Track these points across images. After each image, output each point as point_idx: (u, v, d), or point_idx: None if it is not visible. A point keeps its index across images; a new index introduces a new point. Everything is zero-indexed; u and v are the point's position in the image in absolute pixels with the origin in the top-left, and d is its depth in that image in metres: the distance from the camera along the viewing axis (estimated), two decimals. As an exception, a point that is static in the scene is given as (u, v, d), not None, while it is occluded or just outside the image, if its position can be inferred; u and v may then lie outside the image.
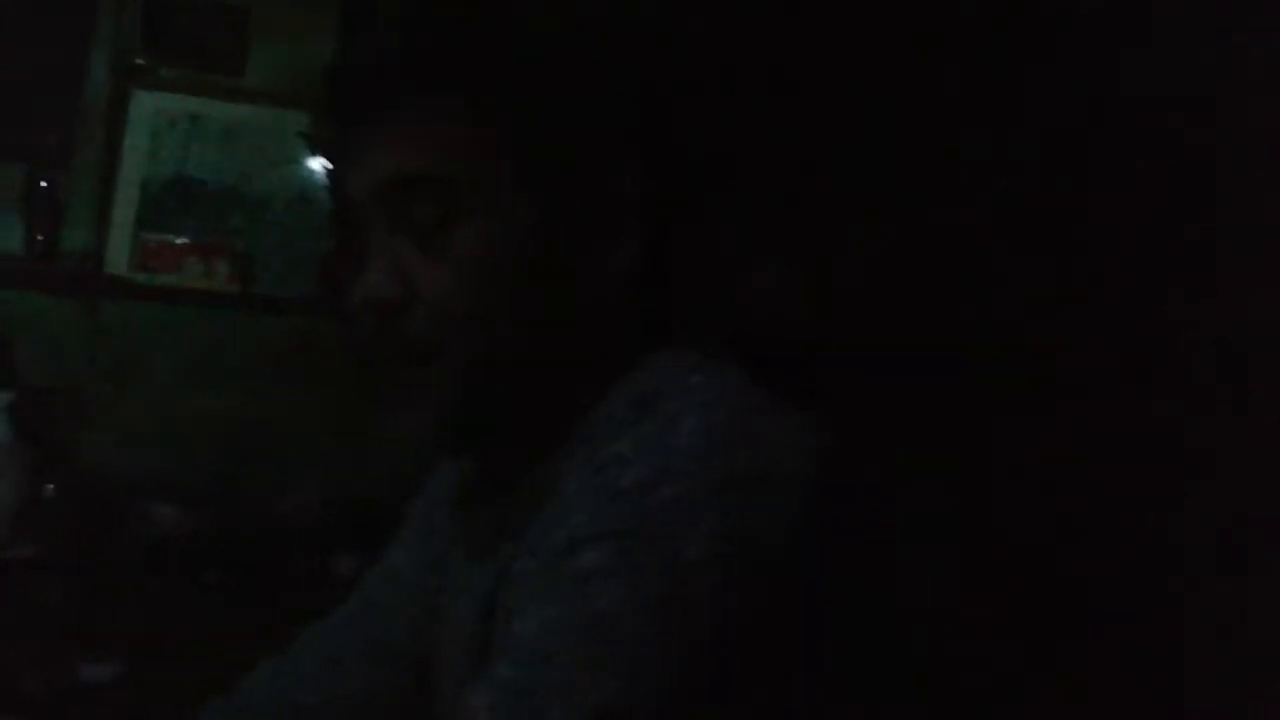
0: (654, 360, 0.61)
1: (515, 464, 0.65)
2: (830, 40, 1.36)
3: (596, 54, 0.65)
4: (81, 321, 1.86)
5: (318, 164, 1.87)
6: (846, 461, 0.58)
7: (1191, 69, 0.97)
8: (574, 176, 0.62)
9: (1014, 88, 1.15)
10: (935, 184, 1.22)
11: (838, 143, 1.32)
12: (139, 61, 1.88)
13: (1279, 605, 0.87)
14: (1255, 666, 0.87)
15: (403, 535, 0.81)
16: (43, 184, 1.84)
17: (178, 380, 1.90)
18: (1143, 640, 0.96)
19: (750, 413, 0.56)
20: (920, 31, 1.25)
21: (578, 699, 0.49)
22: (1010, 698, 0.95)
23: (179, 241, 1.85)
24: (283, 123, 1.90)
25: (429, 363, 0.61)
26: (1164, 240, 1.00)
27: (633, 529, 0.52)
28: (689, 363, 0.60)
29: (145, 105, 1.89)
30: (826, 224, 1.30)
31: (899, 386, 1.16)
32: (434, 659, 0.73)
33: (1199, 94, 0.96)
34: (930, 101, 1.23)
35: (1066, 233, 1.10)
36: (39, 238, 1.84)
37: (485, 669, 0.54)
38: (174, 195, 1.90)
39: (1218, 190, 0.97)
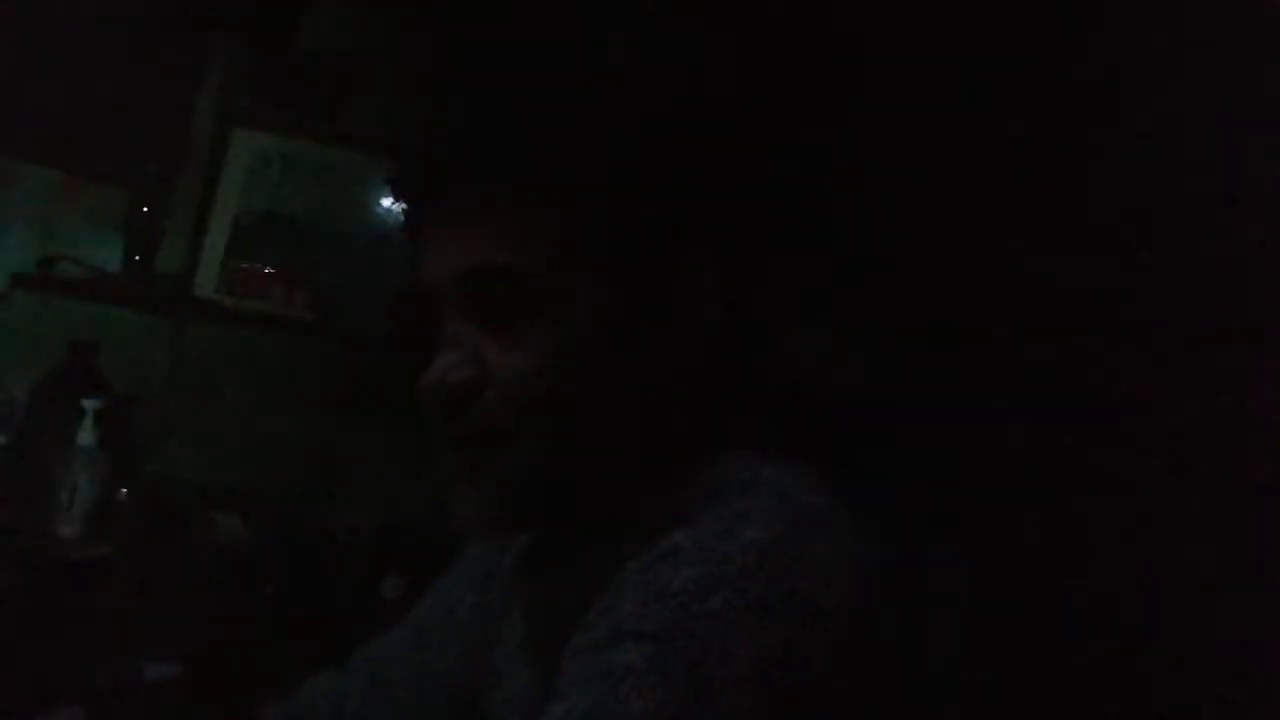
0: (724, 451, 0.61)
1: (576, 542, 0.65)
2: (882, 118, 1.40)
3: (671, 147, 0.65)
4: (167, 338, 1.98)
5: (396, 209, 1.99)
6: (900, 581, 0.57)
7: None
8: (649, 267, 0.63)
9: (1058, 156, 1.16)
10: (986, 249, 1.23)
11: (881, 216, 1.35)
12: (243, 103, 2.02)
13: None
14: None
15: (459, 574, 0.83)
16: (144, 209, 1.98)
17: (250, 399, 2.00)
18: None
19: (811, 531, 0.55)
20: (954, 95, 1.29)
21: None
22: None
23: (265, 270, 1.96)
24: (368, 167, 2.02)
25: (496, 446, 0.61)
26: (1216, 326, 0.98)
27: (675, 634, 0.51)
28: (759, 458, 0.60)
29: (244, 143, 2.02)
30: (867, 293, 1.33)
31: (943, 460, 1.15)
32: (487, 710, 0.73)
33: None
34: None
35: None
36: (136, 258, 1.96)
37: None
38: (263, 228, 2.02)
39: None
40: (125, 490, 1.71)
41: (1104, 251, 1.09)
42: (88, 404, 1.62)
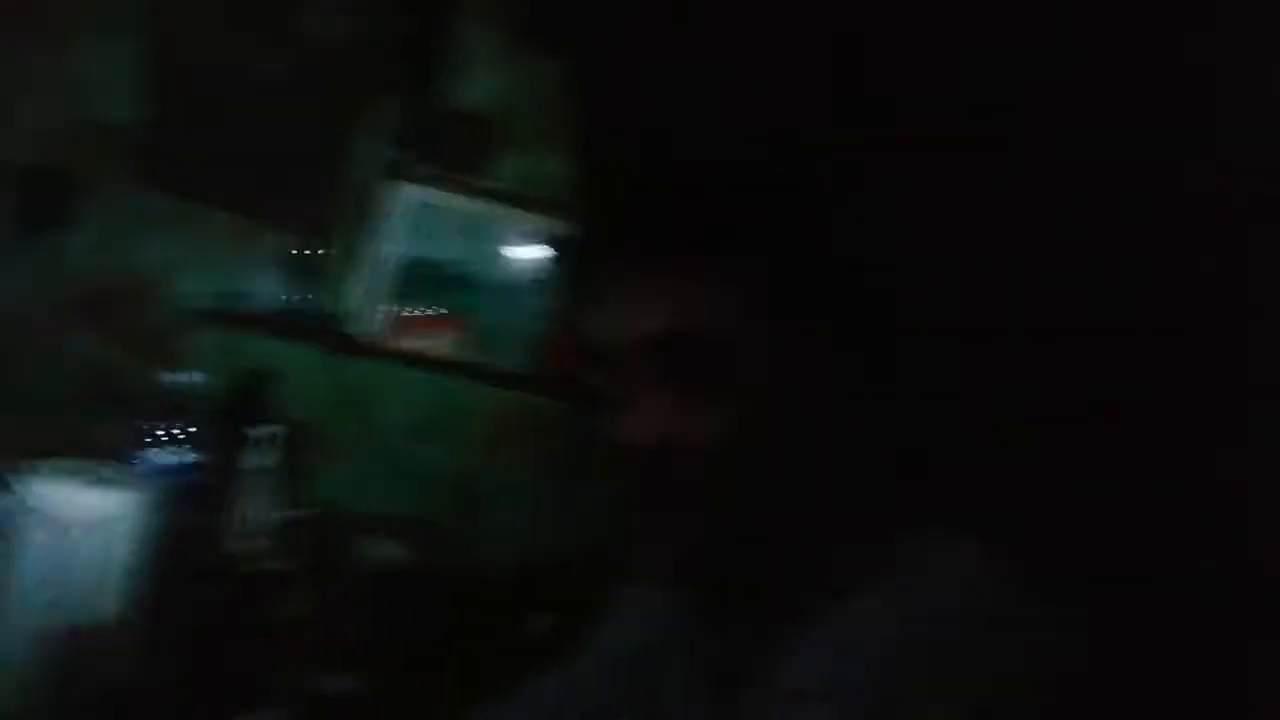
0: (904, 514, 0.61)
1: (757, 595, 0.65)
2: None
3: (845, 209, 0.65)
4: (329, 372, 2.16)
5: (539, 255, 2.14)
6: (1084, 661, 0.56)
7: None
8: (831, 329, 0.63)
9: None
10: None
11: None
12: (398, 157, 2.20)
13: None
14: None
15: (620, 616, 0.83)
16: (306, 251, 2.16)
17: (403, 432, 2.17)
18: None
19: (1004, 601, 0.55)
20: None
21: None
22: None
23: (418, 313, 2.12)
24: (515, 220, 2.19)
25: (679, 506, 0.62)
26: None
27: (860, 698, 0.51)
28: (954, 531, 0.60)
29: (399, 194, 2.20)
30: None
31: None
32: None
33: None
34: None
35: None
36: (303, 297, 2.15)
37: None
38: (415, 273, 2.20)
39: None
40: (298, 511, 1.86)
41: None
42: (269, 430, 1.76)
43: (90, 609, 1.05)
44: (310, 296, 2.14)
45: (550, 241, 2.13)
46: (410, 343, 2.10)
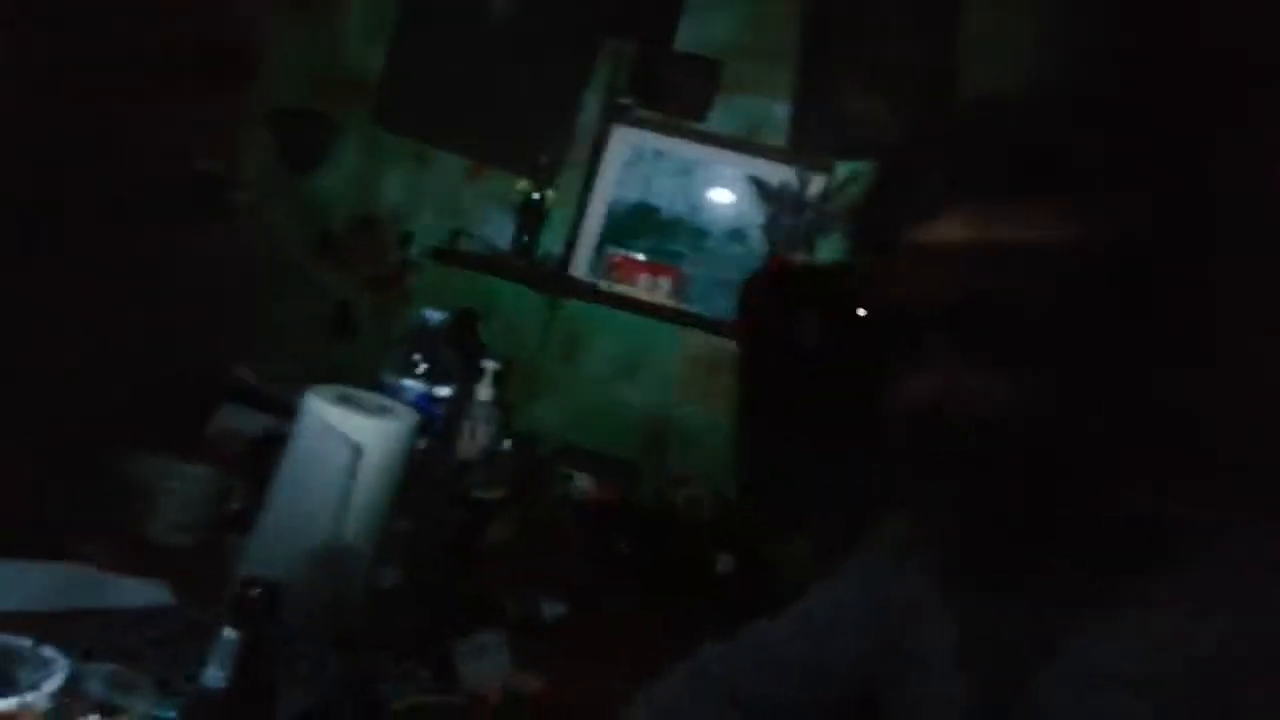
0: (1183, 497, 0.59)
1: (1034, 564, 0.62)
2: None
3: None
4: (542, 311, 2.23)
5: (753, 206, 2.11)
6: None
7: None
8: (1149, 298, 0.58)
9: None
10: None
11: None
12: (623, 101, 2.22)
13: None
14: None
15: (855, 572, 0.83)
16: (533, 195, 2.22)
17: (608, 372, 2.22)
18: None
19: None
20: None
21: None
22: None
23: (636, 257, 2.15)
24: (731, 165, 2.15)
25: (961, 474, 0.59)
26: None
27: (1163, 683, 0.50)
28: (1222, 510, 0.58)
29: (622, 139, 2.22)
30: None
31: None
32: (896, 700, 0.74)
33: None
34: None
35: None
36: (523, 239, 2.22)
37: None
38: (633, 217, 2.22)
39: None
40: (508, 442, 1.94)
41: None
42: (488, 364, 1.83)
43: (362, 527, 1.09)
44: (530, 238, 2.20)
45: (771, 188, 2.08)
46: (625, 287, 2.12)
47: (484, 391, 1.85)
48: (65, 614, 0.96)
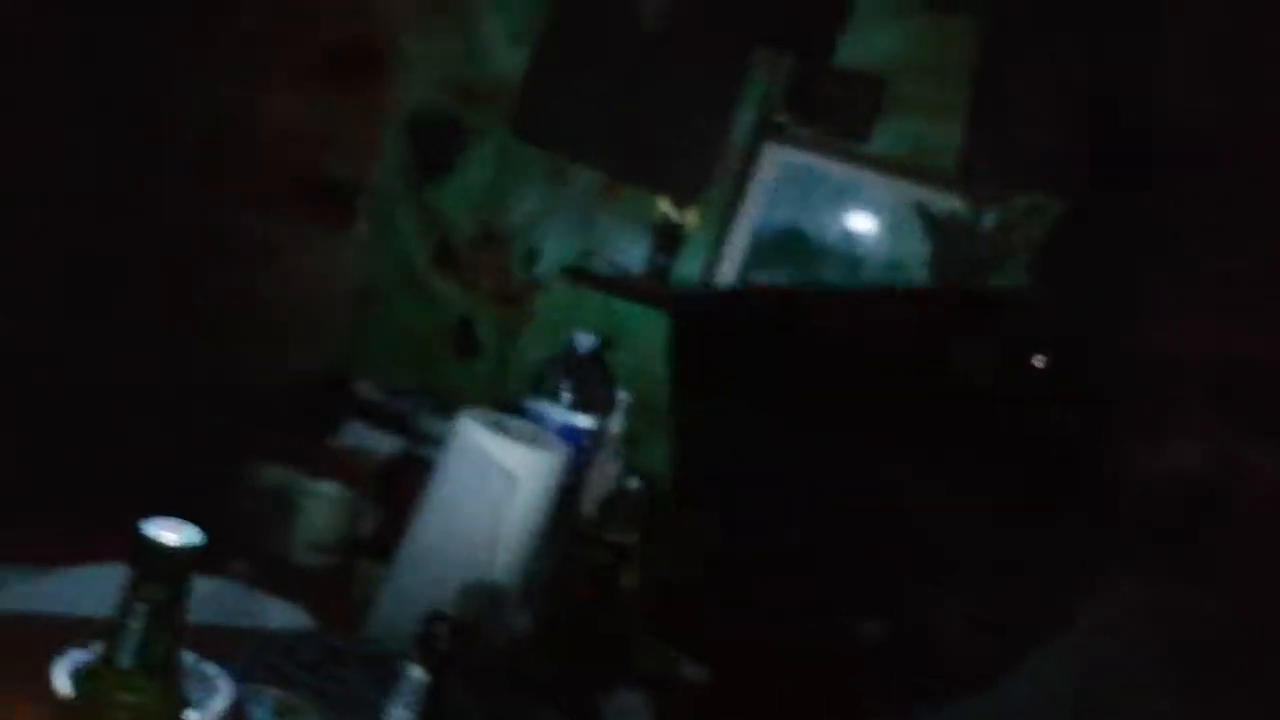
0: None
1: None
2: None
3: None
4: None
5: (918, 239, 1.93)
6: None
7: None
8: None
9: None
10: None
11: None
12: (778, 119, 2.06)
13: None
14: None
15: (1062, 650, 0.76)
16: (672, 215, 2.08)
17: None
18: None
19: None
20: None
21: None
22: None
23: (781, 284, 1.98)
24: (895, 191, 1.97)
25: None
26: None
27: None
28: None
29: (773, 158, 2.06)
30: None
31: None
32: None
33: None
34: None
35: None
36: (659, 262, 2.07)
37: None
38: (780, 243, 2.04)
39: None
40: (636, 480, 1.77)
41: None
42: (623, 395, 1.68)
43: (510, 564, 1.02)
44: (664, 262, 2.06)
45: (938, 217, 1.89)
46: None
47: (615, 424, 1.70)
48: (212, 629, 0.89)
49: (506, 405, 1.36)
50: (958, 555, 1.62)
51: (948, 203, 1.89)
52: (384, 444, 1.47)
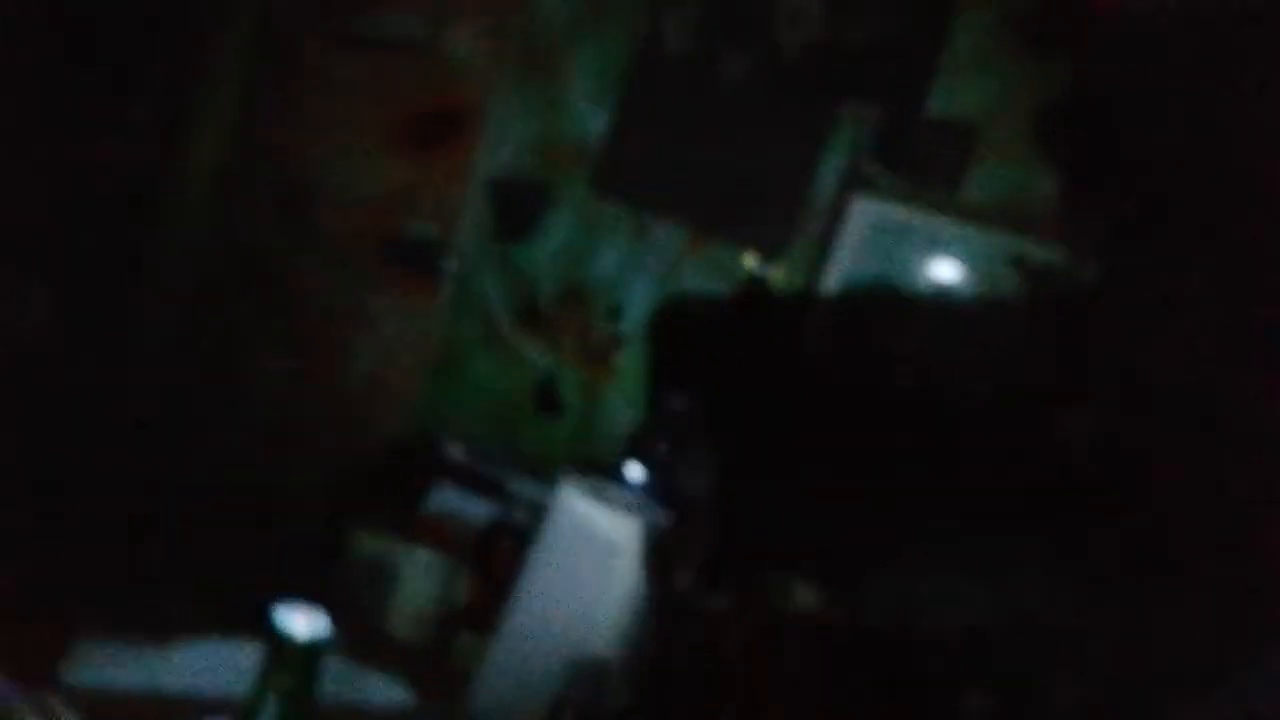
0: None
1: None
2: None
3: None
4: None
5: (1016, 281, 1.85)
6: None
7: None
8: None
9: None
10: None
11: None
12: (866, 170, 2.01)
13: None
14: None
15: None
16: (760, 271, 2.04)
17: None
18: None
19: None
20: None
21: None
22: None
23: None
24: (989, 243, 1.90)
25: None
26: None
27: None
28: None
29: (862, 211, 2.01)
30: None
31: None
32: None
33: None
34: None
35: None
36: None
37: None
38: (872, 296, 1.98)
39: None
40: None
41: None
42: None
43: (611, 637, 0.98)
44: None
45: (1035, 267, 1.81)
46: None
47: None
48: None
49: (597, 467, 1.33)
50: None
51: (1043, 253, 1.81)
52: (477, 509, 1.44)
